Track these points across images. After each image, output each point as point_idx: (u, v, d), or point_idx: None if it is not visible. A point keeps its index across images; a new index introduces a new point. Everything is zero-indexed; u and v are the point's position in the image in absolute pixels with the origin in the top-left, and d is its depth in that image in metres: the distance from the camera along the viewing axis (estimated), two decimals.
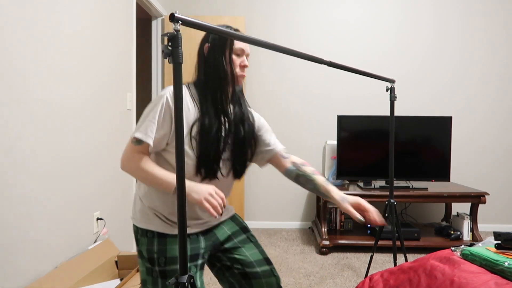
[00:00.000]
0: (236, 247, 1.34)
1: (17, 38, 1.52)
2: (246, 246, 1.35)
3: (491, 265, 1.19)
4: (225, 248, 1.34)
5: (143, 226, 1.24)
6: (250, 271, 1.32)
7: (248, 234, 1.39)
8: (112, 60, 2.39)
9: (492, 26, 3.60)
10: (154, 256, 1.21)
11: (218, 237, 1.34)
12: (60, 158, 1.82)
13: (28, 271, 1.60)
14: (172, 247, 1.21)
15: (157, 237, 1.22)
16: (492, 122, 3.64)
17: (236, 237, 1.36)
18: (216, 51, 1.23)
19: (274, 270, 1.37)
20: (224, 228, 1.37)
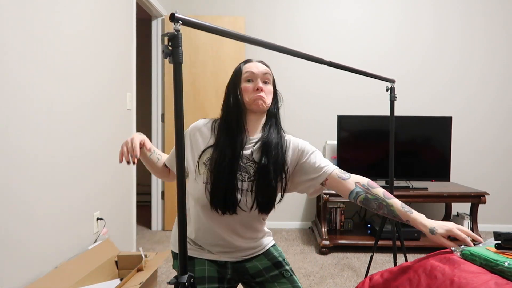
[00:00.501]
0: (267, 281, 1.29)
1: (17, 39, 1.52)
2: (278, 281, 1.29)
3: (491, 265, 1.19)
4: (256, 282, 1.31)
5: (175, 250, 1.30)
6: None
7: (282, 269, 1.31)
8: (112, 60, 2.38)
9: (492, 26, 3.60)
10: None
11: (248, 269, 1.30)
12: (60, 158, 1.82)
13: (28, 271, 1.60)
14: (200, 268, 1.25)
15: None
16: (492, 122, 3.64)
17: (268, 273, 1.30)
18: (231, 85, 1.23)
19: None
20: (255, 263, 1.31)
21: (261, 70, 1.21)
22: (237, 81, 1.22)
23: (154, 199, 3.62)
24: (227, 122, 1.21)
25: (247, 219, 1.24)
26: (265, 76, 1.21)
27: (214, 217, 1.21)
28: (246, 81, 1.21)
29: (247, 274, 1.30)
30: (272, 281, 1.29)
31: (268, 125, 1.25)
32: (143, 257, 2.06)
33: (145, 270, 1.96)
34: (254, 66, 1.22)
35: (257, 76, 1.21)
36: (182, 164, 0.92)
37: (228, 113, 1.22)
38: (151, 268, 1.98)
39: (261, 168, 1.17)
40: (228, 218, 1.21)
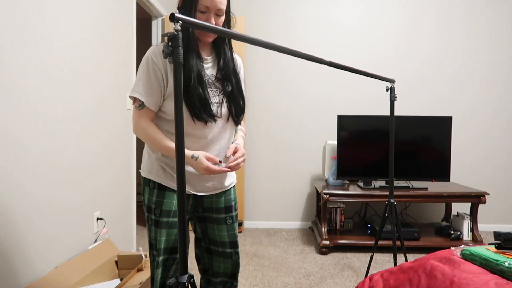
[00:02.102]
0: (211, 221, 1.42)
1: (17, 39, 1.52)
2: (219, 226, 1.42)
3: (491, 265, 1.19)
4: (203, 216, 1.43)
5: (146, 176, 1.35)
6: (214, 249, 1.44)
7: (228, 215, 1.43)
8: (112, 61, 2.39)
9: (495, 27, 3.60)
10: (152, 206, 1.33)
11: (204, 202, 1.41)
12: (60, 158, 1.82)
13: (29, 271, 1.60)
14: (169, 201, 1.32)
15: (157, 189, 1.32)
16: (493, 123, 3.64)
17: (216, 213, 1.42)
18: (185, 8, 1.25)
19: (234, 254, 1.44)
20: (212, 199, 1.41)
21: (216, 4, 1.23)
22: (192, 5, 1.23)
23: None
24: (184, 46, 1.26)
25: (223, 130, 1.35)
26: (219, 10, 1.24)
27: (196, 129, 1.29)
28: (200, 12, 1.23)
29: (201, 207, 1.42)
30: (214, 223, 1.42)
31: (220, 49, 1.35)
32: (143, 257, 2.06)
33: (145, 270, 1.96)
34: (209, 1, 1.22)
35: (211, 10, 1.23)
36: (182, 164, 0.92)
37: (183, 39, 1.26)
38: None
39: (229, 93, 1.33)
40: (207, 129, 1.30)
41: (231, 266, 1.44)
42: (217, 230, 1.42)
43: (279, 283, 2.38)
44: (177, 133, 0.91)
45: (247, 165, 3.75)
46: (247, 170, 3.75)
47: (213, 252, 1.45)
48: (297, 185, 3.75)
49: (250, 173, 3.76)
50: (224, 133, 1.37)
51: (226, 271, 1.45)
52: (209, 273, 1.48)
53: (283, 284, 2.37)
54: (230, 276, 1.46)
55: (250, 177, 3.76)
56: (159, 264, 1.32)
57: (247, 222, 3.77)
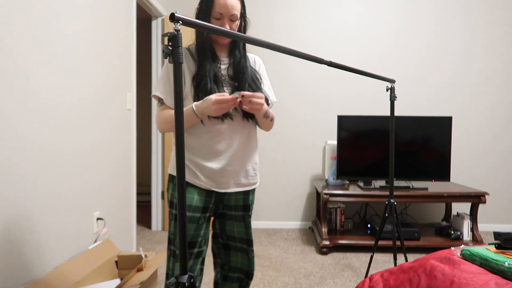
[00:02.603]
0: (229, 218, 1.48)
1: (18, 39, 1.52)
2: (237, 223, 1.48)
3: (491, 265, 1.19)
4: (223, 213, 1.49)
5: (172, 172, 1.42)
6: (232, 244, 1.50)
7: (245, 213, 1.49)
8: (112, 60, 2.39)
9: (492, 26, 3.60)
10: (174, 201, 1.40)
11: (224, 199, 1.46)
12: (60, 158, 1.82)
13: (28, 271, 1.60)
14: (189, 196, 1.37)
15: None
16: (492, 122, 3.64)
17: (234, 211, 1.48)
18: (202, 15, 1.36)
19: (250, 252, 1.50)
20: (232, 197, 1.46)
21: (229, 10, 1.32)
22: (207, 12, 1.34)
23: (154, 199, 3.62)
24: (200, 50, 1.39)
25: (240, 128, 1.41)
26: (232, 16, 1.34)
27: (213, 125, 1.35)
28: (215, 18, 1.33)
29: (222, 203, 1.48)
30: (232, 220, 1.48)
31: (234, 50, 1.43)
32: (143, 257, 2.06)
33: (145, 270, 1.96)
34: (224, 5, 1.31)
35: (225, 16, 1.33)
36: (182, 163, 0.92)
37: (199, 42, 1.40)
38: (151, 268, 1.98)
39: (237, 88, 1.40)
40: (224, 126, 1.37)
41: (248, 262, 1.50)
42: (235, 227, 1.48)
43: (279, 283, 2.38)
44: (177, 133, 0.91)
45: None
46: None
47: (231, 247, 1.50)
48: (297, 185, 3.75)
49: None
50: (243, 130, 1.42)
51: (243, 267, 1.51)
52: (225, 268, 1.53)
53: (283, 284, 2.37)
54: (246, 274, 1.51)
55: None
56: (176, 258, 1.37)
57: None
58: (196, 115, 1.28)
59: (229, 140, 1.38)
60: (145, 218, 4.00)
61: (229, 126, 1.37)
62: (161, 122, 1.36)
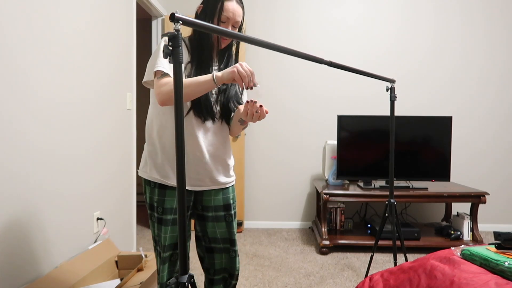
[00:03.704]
0: (209, 219, 1.46)
1: (19, 39, 1.52)
2: (218, 224, 1.46)
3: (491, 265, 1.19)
4: (202, 215, 1.46)
5: (146, 176, 1.40)
6: (214, 246, 1.48)
7: (226, 213, 1.47)
8: (112, 60, 2.39)
9: (492, 26, 3.60)
10: (154, 204, 1.39)
11: (203, 201, 1.45)
12: (60, 158, 1.82)
13: (28, 271, 1.60)
14: (170, 199, 1.38)
15: (157, 188, 1.38)
16: (492, 122, 3.64)
17: (215, 211, 1.46)
18: (206, 14, 1.36)
19: (232, 252, 1.48)
20: (211, 197, 1.45)
21: (235, 17, 1.36)
22: (213, 14, 1.35)
23: None
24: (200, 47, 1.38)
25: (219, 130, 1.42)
26: (236, 22, 1.38)
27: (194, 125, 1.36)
28: (221, 21, 1.36)
29: (200, 204, 1.46)
30: (214, 220, 1.46)
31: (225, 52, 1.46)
32: (143, 257, 2.06)
33: (145, 270, 1.96)
34: (231, 11, 1.35)
35: (230, 21, 1.36)
36: (182, 162, 0.92)
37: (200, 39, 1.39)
38: (151, 268, 1.98)
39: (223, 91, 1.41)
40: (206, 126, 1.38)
41: (231, 263, 1.49)
42: (217, 228, 1.46)
43: (279, 283, 2.38)
44: (177, 132, 0.90)
45: (247, 165, 3.75)
46: (247, 170, 3.75)
47: (214, 250, 1.48)
48: (297, 185, 3.75)
49: (250, 173, 3.76)
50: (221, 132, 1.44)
51: (226, 267, 1.50)
52: (210, 272, 1.52)
53: (283, 284, 2.37)
54: (230, 275, 1.50)
55: (250, 177, 3.76)
56: (165, 259, 1.38)
57: (247, 222, 3.77)
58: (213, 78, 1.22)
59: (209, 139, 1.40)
60: (145, 218, 4.00)
61: (210, 126, 1.39)
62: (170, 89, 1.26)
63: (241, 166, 3.55)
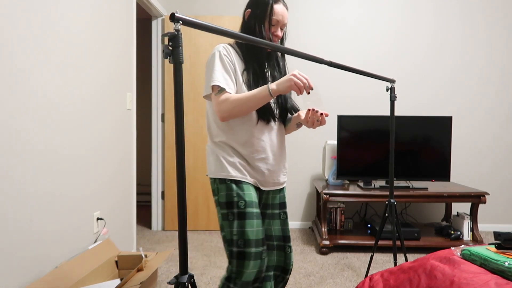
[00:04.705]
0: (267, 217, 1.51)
1: (18, 39, 1.52)
2: (274, 221, 1.51)
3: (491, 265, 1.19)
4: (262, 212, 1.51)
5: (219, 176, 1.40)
6: (268, 243, 1.50)
7: (281, 211, 1.53)
8: (112, 60, 2.39)
9: (492, 26, 3.60)
10: (234, 200, 1.37)
11: (263, 198, 1.51)
12: (60, 158, 1.82)
13: (28, 271, 1.60)
14: (249, 192, 1.39)
15: (234, 183, 1.39)
16: (492, 122, 3.64)
17: (272, 209, 1.52)
18: (256, 18, 1.41)
19: (287, 247, 1.51)
20: (271, 195, 1.51)
21: (284, 19, 1.41)
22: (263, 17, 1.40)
23: (154, 199, 3.62)
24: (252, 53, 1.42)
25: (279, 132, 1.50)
26: (283, 25, 1.43)
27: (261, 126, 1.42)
28: (271, 24, 1.41)
29: (261, 203, 1.52)
30: (269, 218, 1.51)
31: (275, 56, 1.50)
32: (143, 257, 2.06)
33: (145, 270, 1.96)
34: (280, 14, 1.40)
35: (279, 23, 1.41)
36: (182, 161, 0.92)
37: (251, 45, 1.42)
38: (151, 268, 1.98)
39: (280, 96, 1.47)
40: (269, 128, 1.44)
41: (284, 259, 1.51)
42: (273, 225, 1.51)
43: None
44: (177, 132, 0.91)
45: None
46: None
47: (268, 247, 1.51)
48: (297, 185, 3.75)
49: None
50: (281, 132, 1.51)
51: (279, 264, 1.52)
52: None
53: None
54: (282, 270, 1.52)
55: None
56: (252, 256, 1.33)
57: None
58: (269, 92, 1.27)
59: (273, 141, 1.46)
60: (145, 218, 4.00)
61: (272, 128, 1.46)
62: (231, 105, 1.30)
63: None
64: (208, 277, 2.46)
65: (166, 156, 3.54)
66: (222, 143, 1.42)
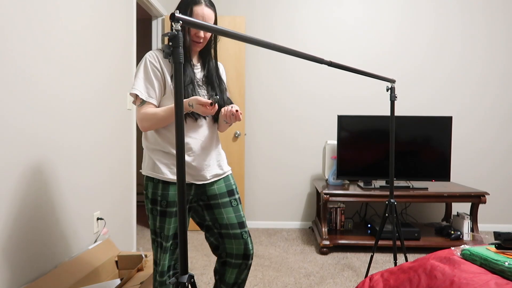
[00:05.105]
0: (217, 207, 1.54)
1: (18, 39, 1.52)
2: (226, 209, 1.54)
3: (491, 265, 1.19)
4: (209, 204, 1.54)
5: (149, 174, 1.47)
6: (225, 232, 1.54)
7: (231, 198, 1.56)
8: (112, 60, 2.39)
9: (492, 26, 3.60)
10: (157, 198, 1.45)
11: (207, 191, 1.53)
12: (60, 158, 1.82)
13: (28, 271, 1.60)
14: (173, 192, 1.44)
15: (161, 183, 1.45)
16: (492, 122, 3.64)
17: (220, 198, 1.54)
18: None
19: (244, 233, 1.54)
20: (214, 187, 1.54)
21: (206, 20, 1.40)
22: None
23: None
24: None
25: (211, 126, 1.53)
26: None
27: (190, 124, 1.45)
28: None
29: (205, 195, 1.54)
30: (221, 207, 1.54)
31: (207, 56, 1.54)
32: (143, 257, 2.06)
33: (145, 270, 1.96)
34: (202, 15, 1.39)
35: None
36: (182, 164, 0.92)
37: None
38: (151, 268, 1.98)
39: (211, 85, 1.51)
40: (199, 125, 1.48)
41: (243, 246, 1.54)
42: (224, 214, 1.54)
43: (279, 283, 2.38)
44: (177, 132, 0.91)
45: (247, 165, 3.75)
46: (247, 170, 3.75)
47: (224, 235, 1.55)
48: (297, 185, 3.75)
49: (250, 173, 3.76)
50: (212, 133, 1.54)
51: (238, 252, 1.55)
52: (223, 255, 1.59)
53: (283, 284, 2.37)
54: (243, 257, 1.55)
55: (250, 177, 3.76)
56: (167, 249, 1.44)
57: (247, 222, 3.77)
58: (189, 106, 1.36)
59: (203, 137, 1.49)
60: (145, 218, 4.00)
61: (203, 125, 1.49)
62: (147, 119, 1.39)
63: (241, 166, 3.55)
64: (208, 277, 2.46)
65: None
66: (154, 144, 1.48)
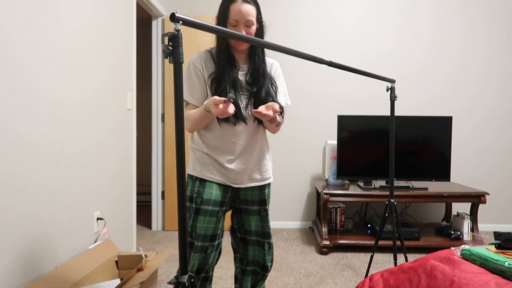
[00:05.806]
0: (246, 213, 1.56)
1: (18, 39, 1.52)
2: (253, 217, 1.55)
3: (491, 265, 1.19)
4: (239, 208, 1.57)
5: (190, 172, 1.52)
6: (248, 238, 1.57)
7: (262, 207, 1.56)
8: (112, 60, 2.39)
9: (492, 26, 3.60)
10: (193, 196, 1.48)
11: (240, 195, 1.55)
12: (60, 158, 1.82)
13: (28, 271, 1.60)
14: (209, 191, 1.47)
15: (199, 181, 1.49)
16: (492, 122, 3.64)
17: (250, 205, 1.55)
18: (219, 23, 1.44)
19: (266, 244, 1.56)
20: (248, 192, 1.55)
21: (244, 16, 1.38)
22: (224, 21, 1.42)
23: (154, 199, 3.62)
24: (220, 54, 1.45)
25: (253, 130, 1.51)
26: (247, 22, 1.39)
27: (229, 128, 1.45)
28: (231, 25, 1.40)
29: (238, 199, 1.57)
30: (249, 214, 1.56)
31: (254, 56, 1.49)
32: (143, 257, 2.06)
33: (145, 270, 1.96)
34: (239, 12, 1.37)
35: (240, 22, 1.39)
36: (182, 164, 0.92)
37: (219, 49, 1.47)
38: (151, 268, 1.98)
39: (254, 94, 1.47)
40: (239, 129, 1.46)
41: (263, 255, 1.55)
42: (252, 221, 1.55)
43: (279, 283, 2.38)
44: (177, 132, 0.91)
45: None
46: None
47: (248, 242, 1.57)
48: (297, 185, 3.75)
49: None
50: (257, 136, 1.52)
51: (258, 260, 1.57)
52: (243, 262, 1.61)
53: (283, 284, 2.37)
54: (261, 267, 1.57)
55: None
56: (197, 249, 1.45)
57: None
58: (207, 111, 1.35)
59: (243, 141, 1.48)
60: (145, 218, 4.00)
61: (243, 129, 1.47)
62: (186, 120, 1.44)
63: None
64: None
65: (166, 156, 3.54)
66: (196, 144, 1.52)
